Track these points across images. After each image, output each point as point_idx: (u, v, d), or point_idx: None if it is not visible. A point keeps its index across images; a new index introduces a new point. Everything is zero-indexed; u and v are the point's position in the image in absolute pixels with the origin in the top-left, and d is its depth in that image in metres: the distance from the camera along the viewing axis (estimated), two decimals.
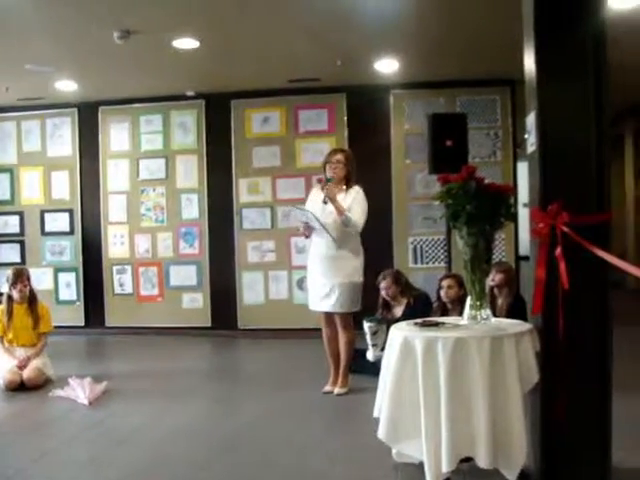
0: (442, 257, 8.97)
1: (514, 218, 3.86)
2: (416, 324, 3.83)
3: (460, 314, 5.92)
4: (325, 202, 5.91)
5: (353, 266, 6.04)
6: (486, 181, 3.77)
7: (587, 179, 3.63)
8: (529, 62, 3.80)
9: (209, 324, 9.81)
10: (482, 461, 3.41)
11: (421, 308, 6.65)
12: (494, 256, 4.66)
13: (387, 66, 8.48)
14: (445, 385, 3.41)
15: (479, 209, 3.66)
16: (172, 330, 9.72)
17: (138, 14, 6.39)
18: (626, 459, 3.92)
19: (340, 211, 5.87)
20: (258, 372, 7.43)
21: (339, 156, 6.14)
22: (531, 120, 3.79)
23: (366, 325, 6.36)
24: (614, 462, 3.77)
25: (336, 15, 6.56)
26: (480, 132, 9.09)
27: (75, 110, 10.10)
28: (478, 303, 3.83)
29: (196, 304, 9.87)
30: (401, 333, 3.64)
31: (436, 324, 3.80)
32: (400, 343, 3.60)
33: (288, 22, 6.78)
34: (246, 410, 5.79)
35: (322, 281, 6.06)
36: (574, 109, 3.65)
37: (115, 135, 10.06)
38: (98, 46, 7.23)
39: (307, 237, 6.21)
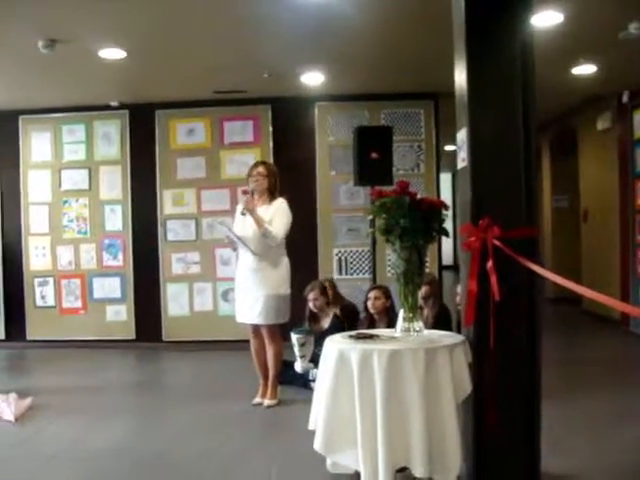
0: (367, 268, 9.07)
1: (446, 233, 3.94)
2: (351, 336, 3.87)
3: (387, 325, 6.06)
4: (243, 214, 5.95)
5: (276, 278, 6.07)
6: (418, 196, 3.85)
7: (517, 193, 3.74)
8: (460, 79, 3.90)
9: (133, 337, 9.69)
10: (418, 470, 3.47)
11: (348, 319, 6.74)
12: None
13: (313, 79, 8.54)
14: (381, 396, 3.46)
15: (412, 223, 3.73)
16: (96, 343, 9.58)
17: (65, 23, 6.28)
18: (555, 464, 4.03)
19: (259, 223, 5.90)
20: (185, 385, 7.39)
21: (260, 169, 6.19)
22: (462, 136, 3.89)
23: (294, 337, 6.38)
24: (543, 467, 3.89)
25: (262, 27, 6.58)
26: (404, 145, 9.22)
27: None
28: (411, 315, 3.90)
29: (120, 316, 9.74)
30: (336, 345, 3.68)
31: (370, 336, 3.85)
32: (335, 355, 3.63)
33: (215, 33, 6.77)
34: (174, 423, 5.76)
35: (247, 293, 6.09)
36: (503, 126, 3.76)
37: (36, 145, 9.84)
38: (21, 54, 7.07)
39: (234, 250, 6.23)
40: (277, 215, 6.02)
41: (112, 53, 7.19)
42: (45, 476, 4.46)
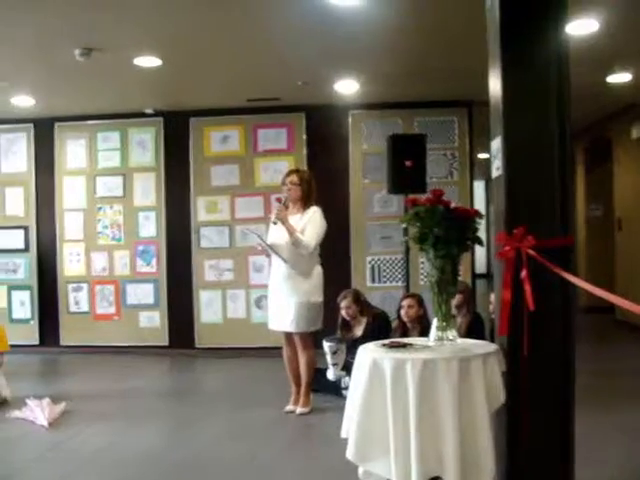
0: (400, 276, 9.05)
1: (480, 242, 3.92)
2: (384, 345, 3.86)
3: (420, 334, 6.04)
4: (275, 223, 5.94)
5: (310, 285, 6.07)
6: (452, 204, 3.84)
7: (552, 202, 3.71)
8: (494, 87, 3.88)
9: (166, 343, 9.75)
10: None
11: (381, 328, 6.71)
12: None
13: (347, 87, 8.56)
14: (414, 405, 3.44)
15: (446, 232, 3.72)
16: (129, 349, 9.64)
17: (101, 31, 6.36)
18: (588, 476, 3.99)
19: (290, 232, 5.90)
20: (218, 391, 7.42)
21: (293, 177, 6.18)
22: (497, 145, 3.87)
23: (326, 345, 6.40)
24: (577, 479, 3.86)
25: (296, 35, 6.61)
26: (437, 152, 9.19)
27: (31, 126, 9.99)
28: (444, 324, 3.89)
29: (153, 323, 9.81)
30: (369, 354, 3.67)
31: (404, 345, 3.83)
32: (369, 364, 3.62)
33: (249, 41, 6.80)
34: (207, 430, 5.77)
35: (280, 300, 6.10)
36: (538, 134, 3.73)
37: (71, 152, 9.96)
38: (58, 62, 7.18)
39: (268, 257, 6.25)
40: (310, 224, 6.01)
41: (147, 61, 7.26)
42: None
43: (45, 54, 6.96)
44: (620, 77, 8.12)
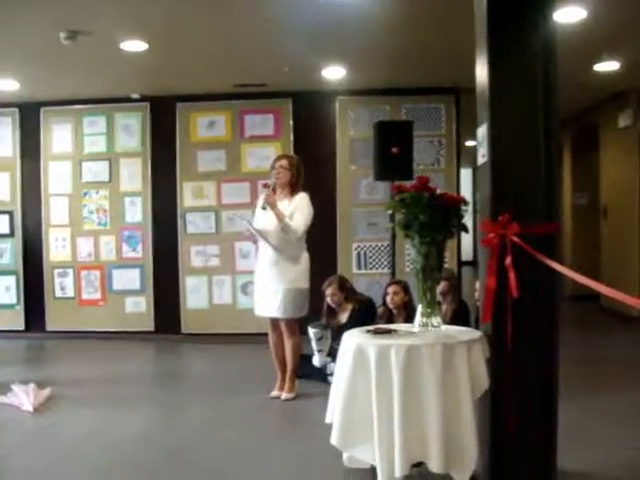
0: (386, 263, 9.06)
1: (465, 229, 3.93)
2: (368, 331, 3.87)
3: (405, 320, 6.06)
4: (264, 208, 5.94)
5: (296, 272, 6.07)
6: (438, 191, 3.84)
7: (537, 190, 3.73)
8: (481, 75, 3.88)
9: (152, 328, 9.74)
10: (434, 465, 3.47)
11: (366, 314, 6.72)
12: None
13: (334, 73, 8.55)
14: (398, 391, 3.46)
15: (432, 219, 3.72)
16: (115, 334, 9.63)
17: (87, 15, 6.31)
18: (571, 461, 4.02)
19: (279, 218, 5.90)
20: (203, 377, 7.42)
21: (283, 162, 6.17)
22: (482, 132, 3.87)
23: (311, 331, 6.41)
24: (560, 465, 3.89)
25: (284, 22, 6.59)
26: (424, 139, 9.19)
27: (16, 110, 9.91)
28: (429, 311, 3.90)
29: (139, 308, 9.79)
30: (354, 340, 3.68)
31: (388, 331, 3.85)
32: (353, 350, 3.63)
33: (236, 27, 6.79)
34: (192, 416, 5.77)
35: (266, 286, 6.09)
36: (525, 122, 3.74)
37: (57, 136, 9.90)
38: (43, 46, 7.11)
39: (254, 243, 6.23)
40: (298, 210, 6.01)
41: (133, 45, 7.22)
42: (64, 466, 4.49)
43: (30, 37, 6.90)
44: (608, 65, 8.14)
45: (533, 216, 3.68)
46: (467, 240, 13.00)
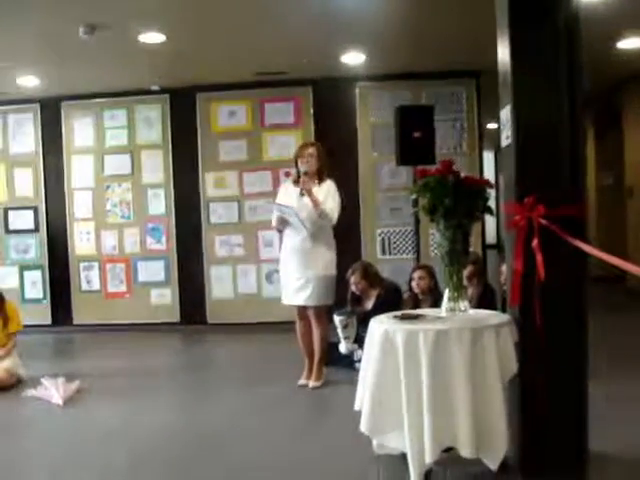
0: (410, 248, 9.02)
1: (491, 212, 3.90)
2: (396, 317, 3.85)
3: (431, 305, 6.04)
4: (302, 194, 5.90)
5: (328, 259, 6.05)
6: (462, 175, 3.81)
7: (562, 171, 3.69)
8: (503, 56, 3.84)
9: (178, 319, 9.79)
10: (465, 451, 3.46)
11: (392, 300, 6.69)
12: None
13: (353, 59, 8.51)
14: (427, 376, 3.45)
15: (457, 203, 3.70)
16: (141, 326, 9.68)
17: (104, 9, 6.32)
18: (602, 444, 3.99)
19: (317, 204, 5.87)
20: (230, 367, 7.43)
21: (311, 149, 6.13)
22: (506, 114, 3.84)
23: (337, 319, 6.40)
24: (591, 449, 3.85)
25: (303, 8, 6.57)
26: (446, 123, 9.15)
27: (37, 105, 9.96)
28: (456, 295, 3.88)
29: (164, 300, 9.84)
30: (381, 326, 3.67)
31: (416, 316, 3.83)
32: (381, 336, 3.62)
33: (255, 16, 6.77)
34: (221, 406, 5.77)
35: (297, 274, 6.04)
36: (548, 103, 3.70)
37: (79, 131, 9.95)
38: (62, 41, 7.15)
39: (280, 232, 6.21)
40: (329, 197, 5.98)
41: (152, 37, 7.23)
42: (95, 458, 4.51)
43: (49, 33, 6.93)
44: (631, 42, 8.02)
45: (559, 198, 3.64)
46: (491, 223, 12.94)
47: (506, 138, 3.87)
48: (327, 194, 5.97)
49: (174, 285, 9.82)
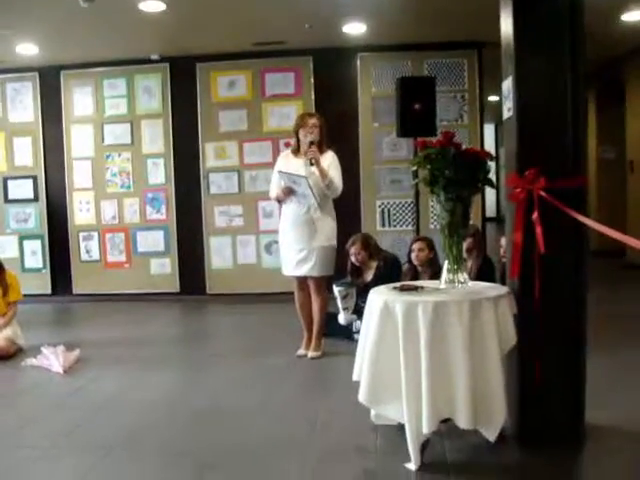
0: (410, 220, 9.03)
1: (492, 184, 3.89)
2: (395, 288, 3.86)
3: (430, 277, 6.05)
4: (312, 164, 5.87)
5: (330, 229, 6.05)
6: (463, 147, 3.80)
7: (563, 144, 3.68)
8: (506, 28, 3.82)
9: (177, 290, 9.81)
10: (462, 422, 3.48)
11: (391, 271, 6.71)
12: None
13: (354, 29, 8.45)
14: (425, 348, 3.46)
15: (457, 174, 3.69)
16: (140, 296, 9.71)
17: None
18: (599, 416, 4.01)
19: (324, 174, 5.86)
20: (229, 337, 7.46)
21: (314, 120, 6.08)
22: (508, 86, 3.82)
23: (336, 289, 6.42)
24: (588, 420, 3.88)
25: None
26: (447, 95, 9.12)
27: (36, 74, 9.90)
28: (455, 267, 3.88)
29: (164, 270, 9.85)
30: (381, 297, 3.67)
31: (415, 288, 3.84)
32: (380, 307, 3.63)
33: None
34: (221, 375, 5.79)
35: (299, 246, 6.01)
36: (551, 75, 3.68)
37: (78, 100, 9.89)
38: (61, 8, 7.09)
39: (280, 202, 6.17)
40: (332, 168, 5.96)
41: (152, 5, 7.18)
42: (95, 426, 4.53)
43: (48, 0, 6.87)
44: (636, 15, 7.96)
45: (560, 170, 3.63)
46: (491, 196, 12.92)
47: (508, 110, 3.85)
48: (330, 166, 5.96)
49: (174, 255, 9.83)
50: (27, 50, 8.83)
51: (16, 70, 9.80)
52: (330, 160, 5.99)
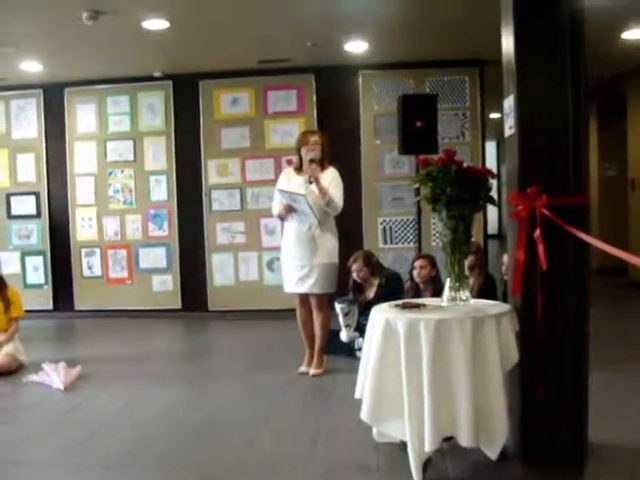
0: (411, 237, 9.03)
1: (493, 202, 3.90)
2: (397, 306, 3.86)
3: (432, 294, 6.04)
4: (311, 182, 5.89)
5: (332, 247, 6.05)
6: (464, 164, 3.81)
7: (565, 161, 3.69)
8: (507, 46, 3.84)
9: (179, 306, 9.80)
10: (464, 440, 3.47)
11: (393, 289, 6.69)
12: None
13: (356, 47, 8.48)
14: (428, 366, 3.45)
15: (459, 192, 3.70)
16: (142, 313, 9.68)
17: None
18: (601, 435, 4.00)
19: (324, 192, 5.87)
20: (231, 354, 7.44)
21: (316, 137, 6.11)
22: (509, 103, 3.83)
23: (338, 306, 6.41)
24: (591, 438, 3.87)
25: None
26: (449, 113, 9.13)
27: (40, 91, 9.94)
28: (457, 284, 3.88)
29: (166, 286, 9.85)
30: (383, 315, 3.67)
31: (417, 306, 3.84)
32: (382, 325, 3.63)
33: (258, 3, 6.74)
34: (222, 392, 5.80)
35: (300, 262, 6.02)
36: (552, 92, 3.70)
37: (81, 117, 9.93)
38: (65, 26, 7.13)
39: (282, 219, 6.18)
40: (333, 185, 5.97)
41: (155, 24, 7.21)
42: (96, 443, 4.52)
43: (52, 18, 6.91)
44: (636, 33, 7.99)
45: (562, 188, 3.64)
46: (492, 214, 12.92)
47: (509, 128, 3.87)
48: (331, 183, 5.97)
49: (175, 272, 9.83)
50: (31, 67, 8.87)
51: (20, 87, 9.84)
52: (331, 177, 6.00)
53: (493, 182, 3.92)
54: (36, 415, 5.23)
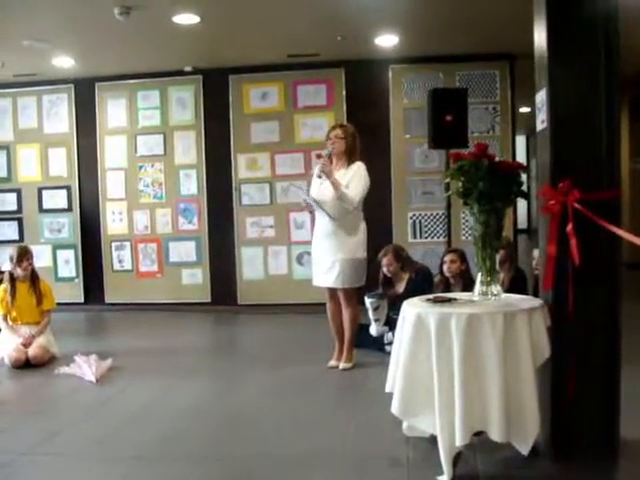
0: (441, 232, 9.01)
1: (525, 196, 3.88)
2: (428, 300, 3.86)
3: (462, 289, 6.04)
4: (319, 176, 5.89)
5: (353, 242, 6.01)
6: (496, 158, 3.80)
7: (597, 156, 3.66)
8: (539, 39, 3.81)
9: (209, 300, 9.84)
10: (495, 435, 3.46)
11: (423, 283, 6.69)
12: None
13: (386, 41, 8.46)
14: (459, 360, 3.45)
15: (491, 187, 3.68)
16: (172, 306, 9.75)
17: None
18: (635, 432, 3.97)
19: (335, 187, 5.85)
20: (261, 347, 7.46)
21: (337, 131, 6.10)
22: (541, 97, 3.81)
23: (367, 301, 6.40)
24: (623, 434, 3.84)
25: None
26: (479, 107, 9.09)
27: (71, 86, 10.03)
28: (489, 279, 3.87)
29: (196, 280, 9.90)
30: (414, 309, 3.67)
31: (448, 300, 3.83)
32: (413, 319, 3.63)
33: None
34: (252, 386, 5.83)
35: (324, 257, 6.05)
36: (585, 87, 3.67)
37: (112, 111, 10.00)
38: (97, 22, 7.19)
39: (311, 213, 6.20)
40: (354, 179, 5.93)
41: (186, 18, 7.25)
42: (127, 435, 4.56)
43: (84, 14, 6.97)
44: None
45: (593, 182, 3.62)
46: (522, 208, 12.84)
47: (541, 122, 3.84)
48: (352, 177, 5.93)
49: (205, 265, 9.88)
50: (63, 63, 8.95)
51: (52, 82, 9.94)
52: (353, 172, 5.97)
53: (523, 176, 3.90)
54: (68, 407, 5.30)
